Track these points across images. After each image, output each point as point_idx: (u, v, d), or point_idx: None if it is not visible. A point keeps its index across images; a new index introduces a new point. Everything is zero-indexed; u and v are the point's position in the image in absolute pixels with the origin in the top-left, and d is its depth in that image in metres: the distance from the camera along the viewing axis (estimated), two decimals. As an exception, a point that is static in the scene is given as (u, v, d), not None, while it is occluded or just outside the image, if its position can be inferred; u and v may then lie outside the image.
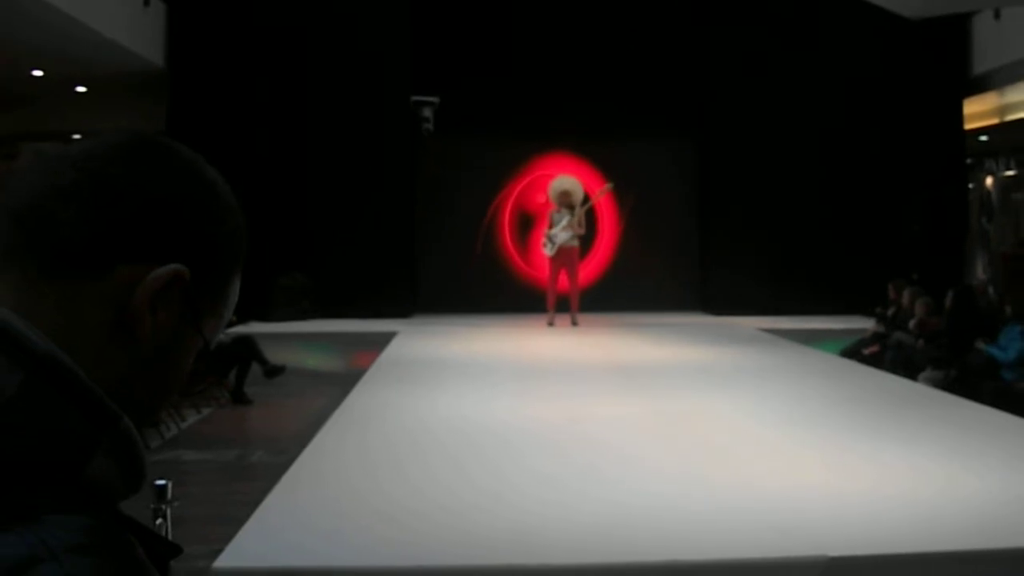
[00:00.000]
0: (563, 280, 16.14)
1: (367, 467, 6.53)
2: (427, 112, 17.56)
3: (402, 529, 5.14)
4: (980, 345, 11.20)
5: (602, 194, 17.48)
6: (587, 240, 17.76)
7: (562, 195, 16.17)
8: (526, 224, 18.71)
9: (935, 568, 4.91)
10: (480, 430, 7.67)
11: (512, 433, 7.60)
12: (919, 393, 9.92)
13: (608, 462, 6.73)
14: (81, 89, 18.52)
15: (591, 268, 18.43)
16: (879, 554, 4.86)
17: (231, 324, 15.24)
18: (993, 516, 5.45)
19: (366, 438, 7.44)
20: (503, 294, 18.39)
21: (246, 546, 4.91)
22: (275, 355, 14.09)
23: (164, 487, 4.28)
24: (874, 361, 12.69)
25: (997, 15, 16.72)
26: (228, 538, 5.10)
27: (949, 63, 17.97)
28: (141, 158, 1.16)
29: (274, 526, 5.26)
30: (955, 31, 17.77)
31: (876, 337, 13.77)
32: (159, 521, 4.22)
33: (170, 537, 4.42)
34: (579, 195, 16.45)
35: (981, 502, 5.71)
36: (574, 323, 15.90)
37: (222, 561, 4.68)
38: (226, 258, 1.26)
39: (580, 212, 16.11)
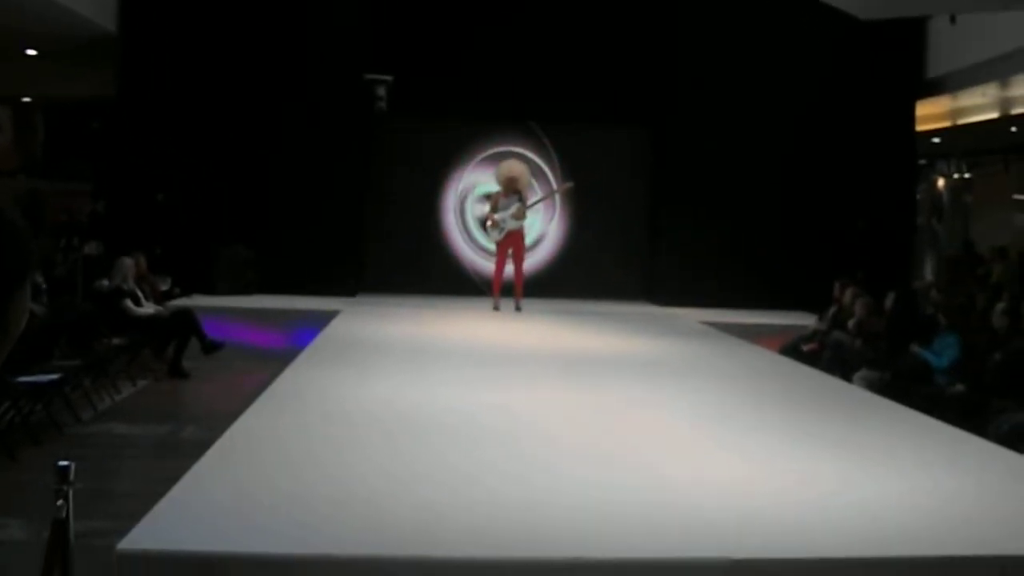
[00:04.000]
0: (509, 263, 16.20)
1: (287, 450, 6.50)
2: (381, 91, 17.49)
3: (314, 516, 5.13)
4: (915, 348, 11.32)
5: (563, 190, 17.50)
6: (535, 228, 17.85)
7: (509, 180, 16.17)
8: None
9: (839, 574, 4.95)
10: (405, 417, 7.65)
11: (435, 420, 7.60)
12: (849, 394, 10.01)
13: (529, 453, 6.74)
14: (31, 52, 18.27)
15: (539, 253, 18.49)
16: (783, 558, 4.89)
17: (173, 296, 15.23)
18: (901, 522, 5.50)
19: (291, 420, 7.41)
20: (451, 276, 18.40)
21: (154, 527, 4.87)
22: (216, 329, 14.05)
23: (67, 468, 4.22)
24: (812, 359, 12.79)
25: (953, 20, 16.84)
26: (144, 516, 5.05)
27: (904, 65, 18.11)
28: None
29: (187, 508, 5.22)
30: (911, 34, 17.90)
31: (816, 335, 13.88)
32: (60, 502, 4.17)
33: (73, 519, 4.38)
34: (526, 179, 16.47)
35: (897, 507, 5.76)
36: (517, 308, 15.90)
37: (128, 542, 4.64)
38: (7, 276, 1.25)
39: (526, 203, 16.13)
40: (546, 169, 18.50)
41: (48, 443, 9.05)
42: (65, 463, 4.23)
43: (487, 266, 17.66)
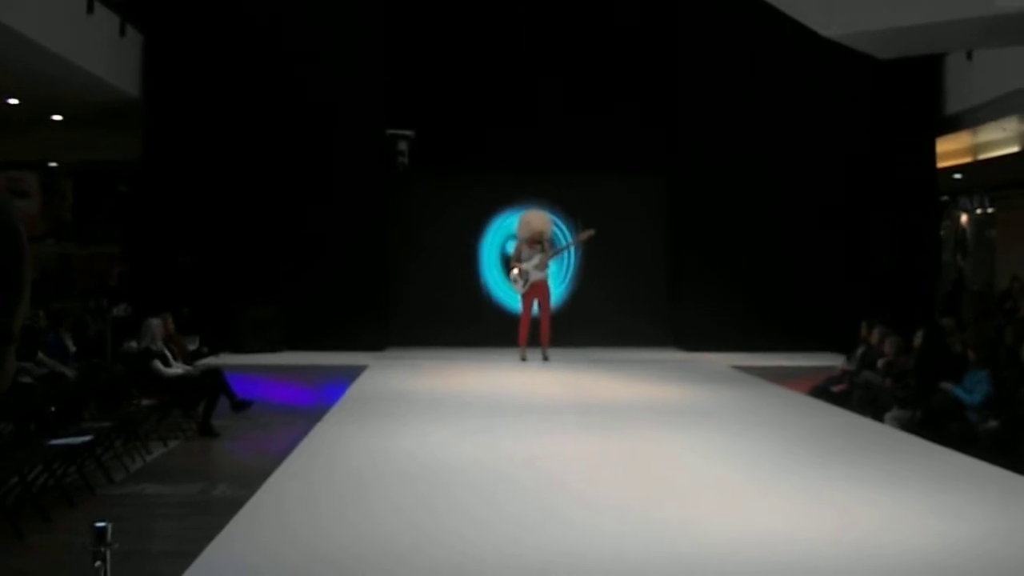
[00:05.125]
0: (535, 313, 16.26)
1: (319, 508, 6.51)
2: (402, 146, 17.61)
3: (346, 572, 5.13)
4: (946, 386, 11.21)
5: (584, 238, 17.48)
6: (560, 274, 17.95)
7: (532, 232, 16.23)
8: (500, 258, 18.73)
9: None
10: (434, 471, 7.65)
11: (466, 474, 7.58)
12: (882, 434, 9.94)
13: (560, 503, 6.71)
14: (57, 117, 18.50)
15: (564, 302, 18.52)
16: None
17: (202, 355, 15.27)
18: (947, 562, 5.45)
19: (321, 477, 7.43)
20: (478, 328, 18.40)
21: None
22: (245, 387, 14.04)
23: (103, 529, 4.23)
24: (843, 400, 12.69)
25: (969, 56, 16.86)
26: (179, 575, 5.07)
27: (922, 102, 18.09)
28: None
29: (222, 566, 5.23)
30: (928, 71, 17.89)
31: (845, 375, 13.78)
32: (97, 563, 4.18)
33: (110, 578, 4.38)
34: (548, 231, 16.53)
35: (935, 547, 5.71)
36: (545, 358, 15.91)
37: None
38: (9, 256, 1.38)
39: (550, 252, 16.25)
40: (565, 219, 18.55)
41: (81, 505, 9.04)
42: (102, 524, 4.24)
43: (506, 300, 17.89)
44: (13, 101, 17.04)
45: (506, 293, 18.28)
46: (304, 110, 17.53)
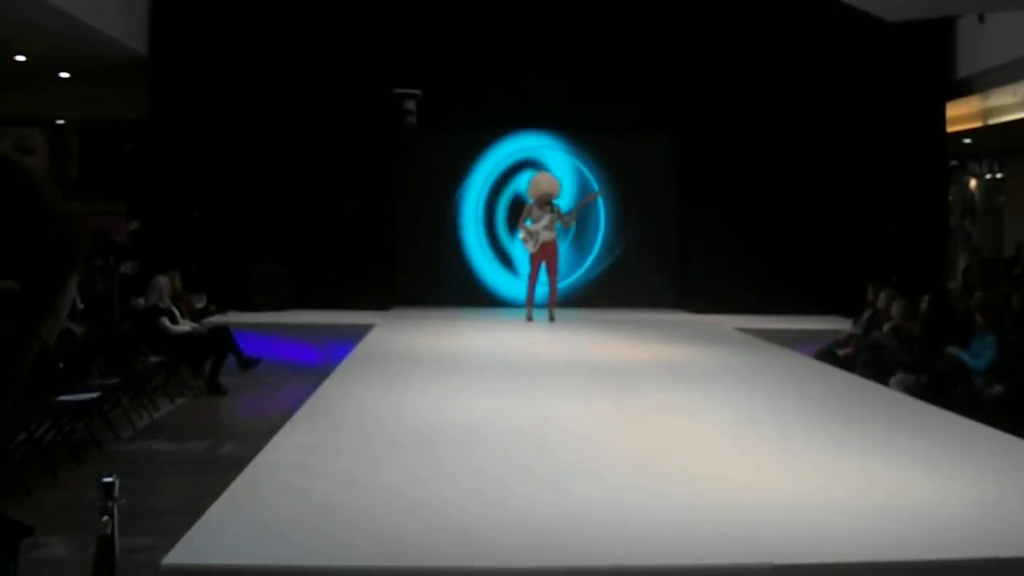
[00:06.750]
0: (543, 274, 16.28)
1: (326, 465, 6.54)
2: (410, 104, 17.57)
3: (354, 529, 5.16)
4: (951, 350, 11.23)
5: (591, 200, 17.49)
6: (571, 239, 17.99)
7: (542, 193, 16.22)
8: (509, 218, 18.67)
9: (883, 577, 4.93)
10: (441, 429, 7.69)
11: (473, 433, 7.62)
12: (887, 397, 9.96)
13: (566, 463, 6.75)
14: (64, 75, 18.46)
15: (573, 263, 18.51)
16: (827, 563, 4.88)
17: (209, 313, 15.32)
18: (947, 525, 5.47)
19: (328, 435, 7.46)
20: (485, 287, 18.43)
21: (197, 543, 4.92)
22: (252, 345, 14.11)
23: (111, 484, 4.26)
24: (848, 363, 12.72)
25: (981, 19, 16.75)
26: (185, 531, 5.10)
27: (933, 66, 18.01)
28: None
29: (228, 523, 5.27)
30: (939, 34, 17.80)
31: (851, 339, 13.80)
32: (105, 518, 4.20)
33: (118, 534, 4.42)
34: (556, 192, 16.52)
35: (936, 510, 5.74)
36: (551, 319, 15.93)
37: (172, 558, 4.70)
38: (58, 264, 1.27)
39: (558, 216, 16.19)
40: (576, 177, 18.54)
41: (89, 461, 9.11)
42: (109, 479, 4.26)
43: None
44: (20, 58, 17.01)
45: (512, 252, 18.32)
46: (312, 68, 17.49)
